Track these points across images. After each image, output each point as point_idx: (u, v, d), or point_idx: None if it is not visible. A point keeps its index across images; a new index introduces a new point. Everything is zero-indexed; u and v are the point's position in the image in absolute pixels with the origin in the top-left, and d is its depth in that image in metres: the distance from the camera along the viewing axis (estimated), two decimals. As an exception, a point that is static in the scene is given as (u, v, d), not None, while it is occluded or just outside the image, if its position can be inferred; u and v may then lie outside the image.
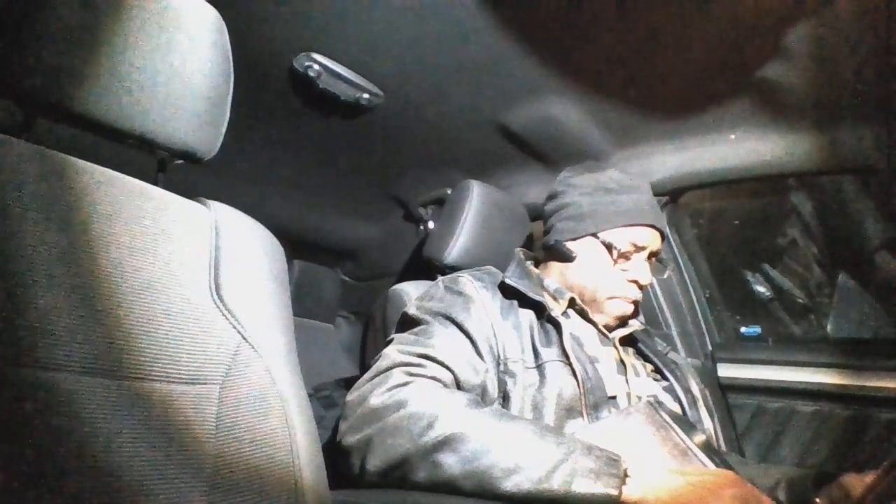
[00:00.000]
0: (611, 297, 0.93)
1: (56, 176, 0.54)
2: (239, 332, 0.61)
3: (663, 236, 0.98)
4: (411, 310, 0.87)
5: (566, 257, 0.95)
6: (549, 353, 0.82)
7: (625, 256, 0.93)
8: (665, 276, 1.24)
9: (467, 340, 0.80)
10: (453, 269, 1.09)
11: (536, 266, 1.05)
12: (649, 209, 0.95)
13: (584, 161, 1.26)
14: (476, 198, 1.17)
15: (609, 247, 0.92)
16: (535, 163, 1.37)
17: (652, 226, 0.94)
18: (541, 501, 0.58)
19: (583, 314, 0.94)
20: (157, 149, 0.64)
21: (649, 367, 0.97)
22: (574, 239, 0.96)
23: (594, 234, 0.94)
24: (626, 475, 0.59)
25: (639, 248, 0.93)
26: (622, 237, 0.93)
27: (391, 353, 0.76)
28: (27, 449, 0.43)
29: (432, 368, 0.74)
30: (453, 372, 0.75)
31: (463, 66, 1.04)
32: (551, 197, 1.02)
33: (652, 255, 0.96)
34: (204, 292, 0.60)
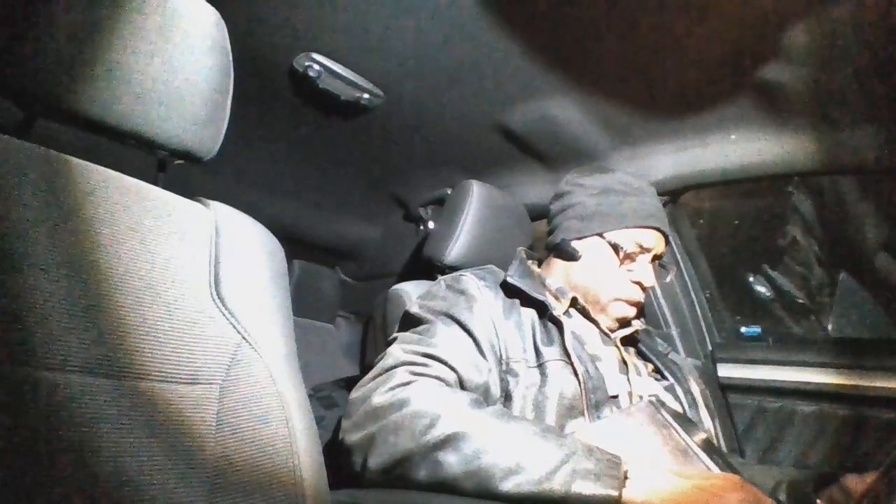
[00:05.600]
0: (615, 299, 0.93)
1: (56, 176, 0.54)
2: (239, 332, 0.61)
3: (667, 240, 0.98)
4: (414, 308, 0.87)
5: (571, 256, 0.96)
6: (551, 353, 0.82)
7: (630, 257, 0.93)
8: (668, 279, 1.24)
9: (470, 340, 0.80)
10: (453, 268, 1.09)
11: (538, 266, 1.05)
12: (656, 212, 0.96)
13: (584, 161, 1.27)
14: (476, 198, 1.17)
15: (615, 247, 0.92)
16: (535, 163, 1.37)
17: (658, 229, 0.94)
18: (541, 502, 0.58)
19: (584, 313, 0.94)
20: (157, 149, 0.64)
21: (650, 366, 0.97)
22: (580, 238, 0.96)
23: (600, 234, 0.94)
24: (626, 477, 0.59)
25: (644, 250, 0.94)
26: (628, 238, 0.93)
27: (395, 352, 0.76)
28: (27, 449, 0.43)
29: (436, 368, 0.74)
30: (457, 371, 0.75)
31: (463, 66, 1.04)
32: (557, 196, 1.03)
33: (655, 257, 0.96)
34: (204, 292, 0.60)
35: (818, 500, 0.76)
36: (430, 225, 1.63)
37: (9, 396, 0.44)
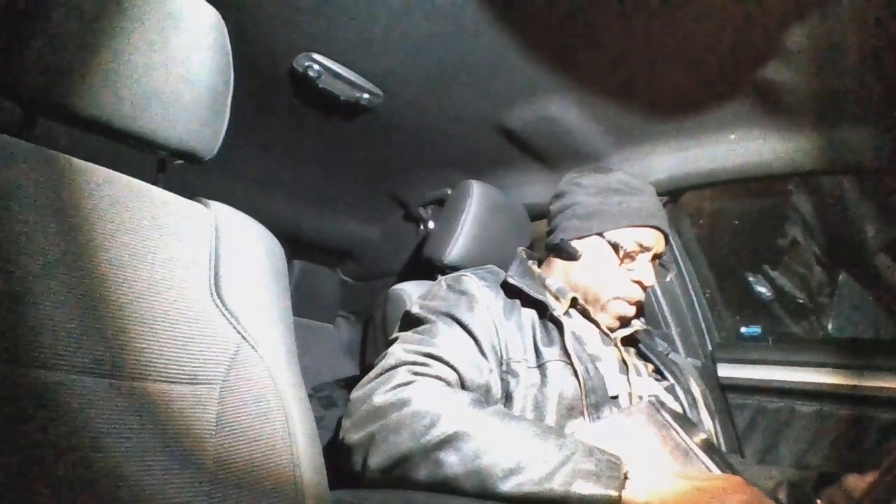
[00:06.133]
0: (615, 298, 0.93)
1: (56, 176, 0.54)
2: (239, 332, 0.61)
3: (667, 239, 0.98)
4: (415, 308, 0.87)
5: (571, 256, 0.96)
6: (551, 353, 0.82)
7: (630, 257, 0.93)
8: (668, 279, 1.24)
9: (471, 340, 0.80)
10: (453, 269, 1.09)
11: (538, 266, 1.05)
12: (656, 211, 0.96)
13: (584, 161, 1.27)
14: (476, 198, 1.18)
15: (615, 246, 0.92)
16: (535, 163, 1.37)
17: (657, 228, 0.95)
18: (541, 502, 0.58)
19: (585, 314, 0.94)
20: (157, 149, 0.64)
21: (650, 367, 0.97)
22: (580, 238, 0.96)
23: (600, 234, 0.94)
24: (626, 478, 0.59)
25: (644, 249, 0.94)
26: (628, 237, 0.93)
27: (397, 352, 0.76)
28: (27, 449, 0.43)
29: (437, 368, 0.74)
30: (458, 371, 0.75)
31: (463, 66, 1.04)
32: (557, 196, 1.03)
33: (655, 256, 0.96)
34: (204, 292, 0.60)
35: (818, 500, 0.76)
36: (430, 225, 1.63)
37: (8, 396, 0.44)
